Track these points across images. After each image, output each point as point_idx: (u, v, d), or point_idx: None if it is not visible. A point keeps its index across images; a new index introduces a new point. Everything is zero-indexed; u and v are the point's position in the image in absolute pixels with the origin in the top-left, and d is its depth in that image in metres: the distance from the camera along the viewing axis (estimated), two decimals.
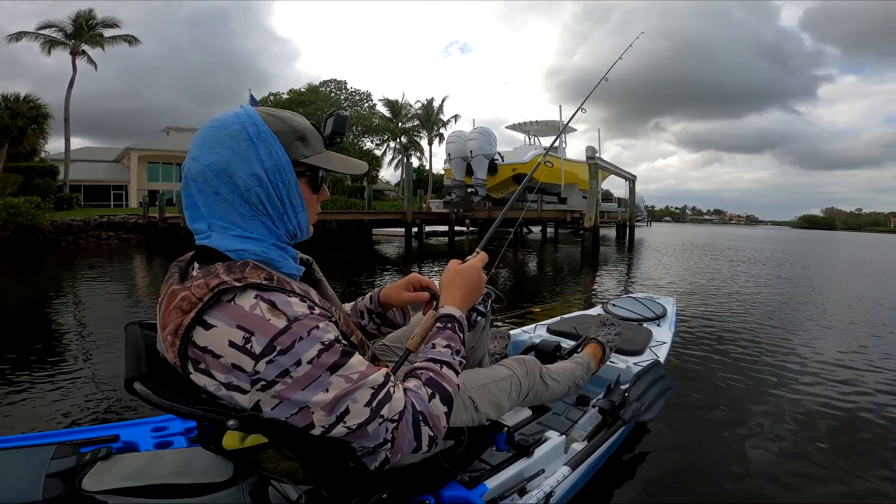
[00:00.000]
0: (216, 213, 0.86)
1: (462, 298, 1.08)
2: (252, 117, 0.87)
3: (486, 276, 1.16)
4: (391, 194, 40.45)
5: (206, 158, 0.84)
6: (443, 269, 1.13)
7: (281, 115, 0.90)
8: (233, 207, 0.86)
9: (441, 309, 1.06)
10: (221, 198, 0.85)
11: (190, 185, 0.87)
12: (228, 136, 0.85)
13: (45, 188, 21.25)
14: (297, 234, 0.94)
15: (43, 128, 25.76)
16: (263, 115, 0.88)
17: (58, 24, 25.02)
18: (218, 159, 0.84)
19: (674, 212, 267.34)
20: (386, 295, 1.27)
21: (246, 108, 0.89)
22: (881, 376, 3.51)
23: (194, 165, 0.85)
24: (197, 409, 0.84)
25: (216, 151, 0.84)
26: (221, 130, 0.85)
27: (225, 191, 0.85)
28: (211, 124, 0.88)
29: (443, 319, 1.03)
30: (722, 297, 7.19)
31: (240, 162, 0.84)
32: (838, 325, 5.52)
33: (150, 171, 32.91)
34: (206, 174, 0.84)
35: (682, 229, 64.44)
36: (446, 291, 1.09)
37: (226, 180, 0.84)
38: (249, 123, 0.86)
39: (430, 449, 0.87)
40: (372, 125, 36.08)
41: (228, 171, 0.84)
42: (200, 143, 0.86)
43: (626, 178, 25.63)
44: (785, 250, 20.40)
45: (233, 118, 0.87)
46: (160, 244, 17.27)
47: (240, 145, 0.84)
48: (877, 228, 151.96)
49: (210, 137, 0.85)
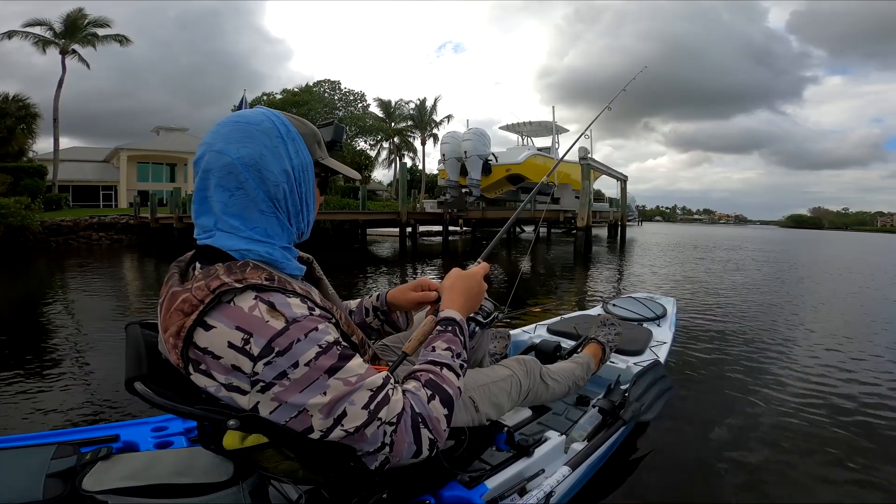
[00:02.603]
0: (231, 209, 0.86)
1: (463, 304, 1.08)
2: (279, 117, 0.91)
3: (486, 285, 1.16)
4: (383, 194, 40.42)
5: (235, 152, 0.84)
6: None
7: (302, 119, 0.95)
8: (253, 203, 0.86)
9: (441, 312, 1.05)
10: (244, 192, 0.85)
11: (209, 178, 0.86)
12: (261, 131, 0.87)
13: (34, 188, 21.01)
14: (303, 233, 0.96)
15: (32, 128, 25.54)
16: (287, 117, 0.92)
17: (48, 23, 24.79)
18: (249, 153, 0.85)
19: (664, 211, 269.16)
20: (393, 296, 1.27)
21: (268, 110, 0.92)
22: (882, 375, 3.52)
23: (219, 158, 0.85)
24: (197, 408, 0.84)
25: (248, 146, 0.85)
26: (252, 126, 0.87)
27: (251, 185, 0.85)
28: (237, 119, 0.88)
29: (443, 322, 1.02)
30: (720, 296, 7.23)
31: (272, 157, 0.86)
32: (838, 324, 5.54)
33: (140, 172, 32.75)
34: (234, 167, 0.84)
35: (672, 229, 64.82)
36: (447, 296, 1.09)
37: (255, 174, 0.85)
38: (279, 122, 0.89)
39: (430, 453, 0.86)
40: (366, 125, 36.03)
41: (259, 166, 0.85)
42: (226, 137, 0.86)
43: (617, 179, 25.83)
44: (779, 250, 20.54)
45: (261, 116, 0.89)
46: (152, 245, 17.17)
47: (272, 141, 0.87)
48: (863, 228, 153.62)
49: (239, 131, 0.86)
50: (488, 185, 20.41)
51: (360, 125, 34.97)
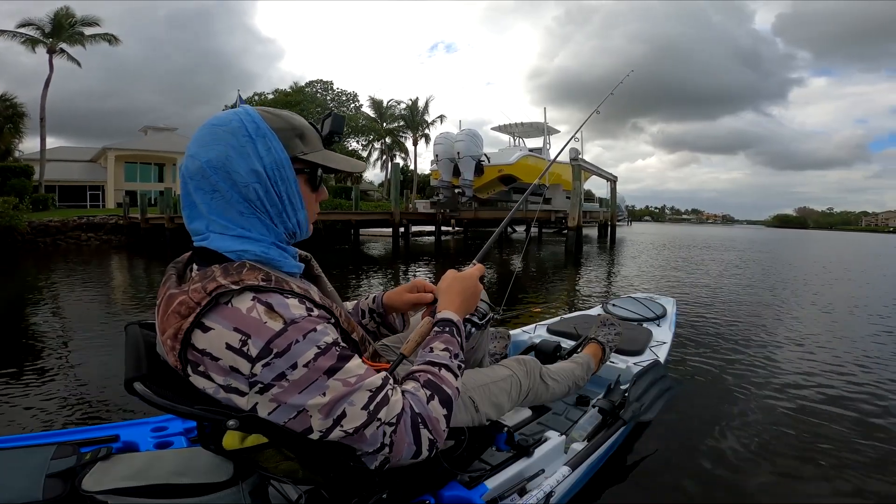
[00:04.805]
0: (214, 210, 0.86)
1: (460, 305, 1.08)
2: (250, 114, 0.87)
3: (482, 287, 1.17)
4: (374, 194, 40.38)
5: (204, 155, 0.84)
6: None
7: (279, 113, 0.91)
8: (231, 205, 0.85)
9: (439, 314, 1.06)
10: (220, 195, 0.85)
11: (188, 184, 0.86)
12: (227, 132, 0.85)
13: (21, 188, 20.74)
14: (296, 233, 0.94)
15: (19, 127, 25.22)
16: (262, 113, 0.88)
17: (36, 23, 24.50)
18: (216, 155, 0.83)
19: (653, 211, 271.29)
20: (389, 297, 1.27)
21: (244, 107, 0.89)
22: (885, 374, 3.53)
23: (192, 163, 0.85)
24: (197, 409, 0.83)
25: (214, 148, 0.84)
26: (219, 127, 0.85)
27: (223, 187, 0.84)
28: (209, 122, 0.88)
29: (441, 324, 1.03)
30: (718, 296, 7.24)
31: (238, 158, 0.84)
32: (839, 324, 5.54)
33: (128, 171, 32.45)
34: (205, 171, 0.84)
35: (661, 229, 65.13)
36: (444, 297, 1.10)
37: (224, 177, 0.84)
38: (248, 120, 0.86)
39: (430, 454, 0.86)
40: (358, 126, 35.99)
41: (227, 168, 0.83)
42: (198, 141, 0.86)
43: (607, 179, 26.02)
44: (770, 250, 20.69)
45: (231, 115, 0.87)
46: (142, 246, 17.00)
47: (238, 141, 0.84)
48: (848, 227, 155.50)
49: (208, 135, 0.85)
50: (481, 186, 20.56)
51: (353, 125, 34.93)
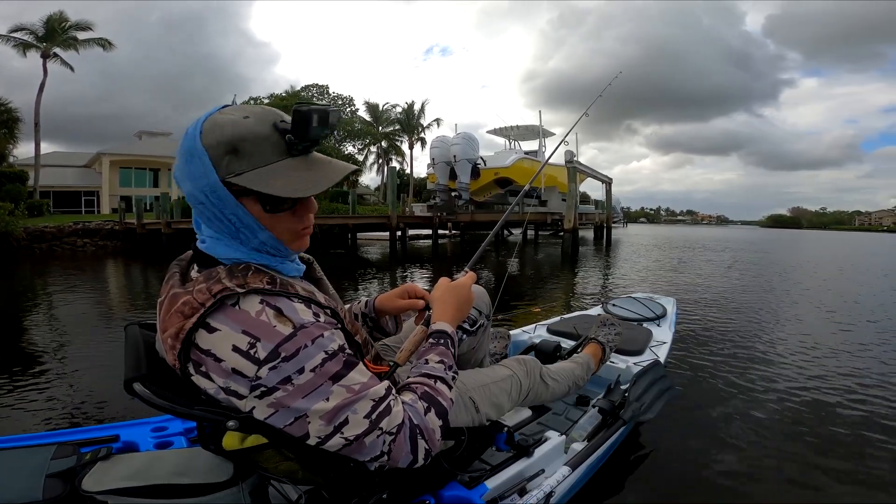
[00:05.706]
0: (203, 218, 0.85)
1: (453, 315, 1.09)
2: (196, 128, 0.79)
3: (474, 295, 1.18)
4: (371, 198, 40.35)
5: (176, 170, 0.83)
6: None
7: (220, 122, 0.78)
8: (212, 216, 0.83)
9: (433, 325, 1.06)
10: (203, 206, 0.83)
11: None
12: (180, 149, 0.81)
13: (16, 194, 20.66)
14: (274, 253, 0.87)
15: (13, 132, 25.11)
16: (206, 124, 0.79)
17: (28, 27, 24.44)
18: (177, 173, 0.82)
19: (648, 213, 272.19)
20: (381, 302, 1.27)
21: (204, 116, 0.81)
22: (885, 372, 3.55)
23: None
24: (196, 409, 0.83)
25: (177, 164, 0.82)
26: (182, 141, 0.81)
27: (193, 201, 0.83)
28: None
29: (435, 335, 1.03)
30: (718, 295, 7.26)
31: (184, 179, 0.81)
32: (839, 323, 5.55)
33: (122, 177, 32.37)
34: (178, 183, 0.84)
35: (656, 230, 65.20)
36: (438, 306, 1.10)
37: (187, 192, 0.82)
38: (192, 136, 0.78)
39: (425, 462, 0.87)
40: (354, 129, 36.00)
41: (186, 185, 0.81)
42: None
43: (602, 181, 26.10)
44: (766, 249, 20.74)
45: (190, 128, 0.80)
46: (138, 251, 16.95)
47: (183, 160, 0.80)
48: (842, 227, 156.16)
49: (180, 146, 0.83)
50: (477, 189, 20.62)
51: (349, 129, 34.93)
